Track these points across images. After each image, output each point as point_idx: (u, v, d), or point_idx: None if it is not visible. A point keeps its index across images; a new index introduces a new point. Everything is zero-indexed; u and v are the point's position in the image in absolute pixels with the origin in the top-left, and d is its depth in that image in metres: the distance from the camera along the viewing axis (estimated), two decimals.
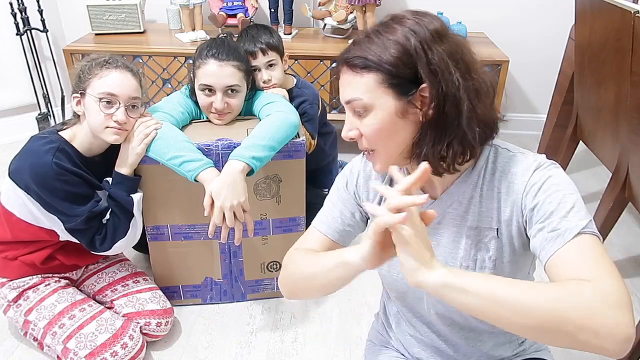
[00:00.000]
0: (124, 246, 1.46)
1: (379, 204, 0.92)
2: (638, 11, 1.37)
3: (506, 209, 0.81)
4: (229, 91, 1.51)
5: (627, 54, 1.43)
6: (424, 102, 0.76)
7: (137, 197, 1.43)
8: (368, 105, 0.77)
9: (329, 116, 2.27)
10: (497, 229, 0.83)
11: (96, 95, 1.31)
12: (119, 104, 1.33)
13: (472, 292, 0.65)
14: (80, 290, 1.56)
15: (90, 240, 1.40)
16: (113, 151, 1.43)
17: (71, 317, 1.42)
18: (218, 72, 1.47)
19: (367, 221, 0.99)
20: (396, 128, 0.78)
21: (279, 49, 1.70)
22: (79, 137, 1.39)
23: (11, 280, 1.46)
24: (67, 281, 1.54)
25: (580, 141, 1.99)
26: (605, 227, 1.69)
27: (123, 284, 1.58)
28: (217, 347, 1.58)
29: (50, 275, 1.51)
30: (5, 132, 2.73)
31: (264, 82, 1.68)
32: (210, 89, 1.50)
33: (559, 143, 2.18)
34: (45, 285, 1.48)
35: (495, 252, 0.84)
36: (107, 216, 1.42)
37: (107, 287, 1.57)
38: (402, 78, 0.75)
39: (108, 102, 1.33)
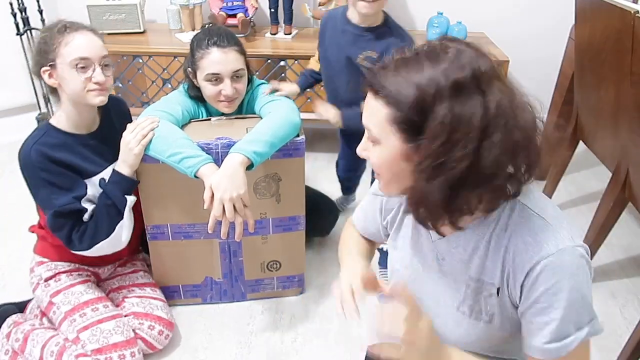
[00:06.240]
0: (105, 248, 1.44)
1: (396, 214, 0.96)
2: (638, 11, 1.37)
3: (509, 273, 0.78)
4: (235, 76, 1.51)
5: (627, 54, 1.43)
6: (421, 154, 0.71)
7: (130, 199, 1.44)
8: (376, 139, 0.75)
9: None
10: (499, 288, 0.80)
11: (69, 63, 1.30)
12: (94, 65, 1.33)
13: None
14: (100, 287, 1.60)
15: (68, 236, 1.38)
16: (109, 128, 1.45)
17: (94, 310, 1.44)
18: (224, 59, 1.47)
19: (386, 229, 1.01)
20: (399, 170, 0.75)
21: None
22: (64, 114, 1.39)
23: (51, 261, 1.51)
24: (95, 278, 1.59)
25: (580, 141, 1.99)
26: (605, 227, 1.69)
27: (141, 288, 1.60)
28: (217, 347, 1.58)
29: (85, 267, 1.55)
30: (5, 132, 2.72)
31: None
32: (217, 78, 1.49)
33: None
34: (79, 274, 1.53)
35: (493, 308, 0.82)
36: (88, 214, 1.40)
37: (125, 287, 1.60)
38: (412, 123, 0.70)
39: (83, 67, 1.31)
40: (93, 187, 1.43)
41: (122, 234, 1.44)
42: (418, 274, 0.90)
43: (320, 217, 1.77)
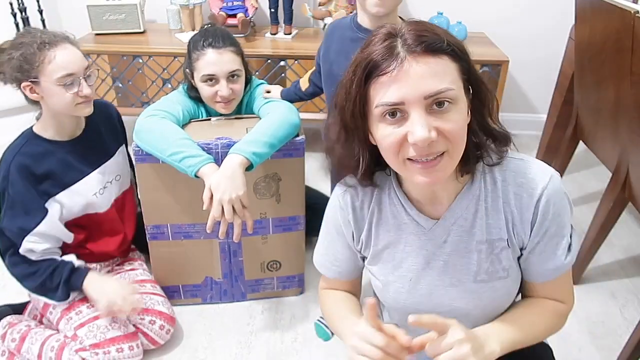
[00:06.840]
0: (24, 286, 1.43)
1: (370, 229, 0.92)
2: (638, 11, 1.37)
3: (513, 219, 0.81)
4: (231, 77, 1.52)
5: (627, 54, 1.43)
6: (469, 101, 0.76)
7: (72, 295, 1.43)
8: (455, 98, 0.69)
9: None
10: (507, 239, 0.82)
11: (55, 81, 1.29)
12: (79, 79, 1.32)
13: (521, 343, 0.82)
14: None
15: (3, 251, 1.39)
16: (93, 132, 1.46)
17: (89, 307, 1.44)
18: (219, 60, 1.48)
19: (360, 251, 0.96)
20: (465, 126, 0.73)
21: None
22: (47, 124, 1.39)
23: None
24: None
25: (580, 141, 1.99)
26: (605, 227, 1.68)
27: (141, 284, 1.60)
28: (217, 347, 1.58)
29: None
30: (5, 132, 2.72)
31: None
32: (213, 79, 1.50)
33: (559, 143, 2.17)
34: None
35: (508, 261, 0.83)
36: (34, 258, 1.38)
37: None
38: (469, 69, 0.72)
39: (70, 84, 1.31)
40: (75, 195, 1.42)
41: (41, 298, 1.43)
42: (419, 272, 0.88)
43: (320, 217, 1.76)
